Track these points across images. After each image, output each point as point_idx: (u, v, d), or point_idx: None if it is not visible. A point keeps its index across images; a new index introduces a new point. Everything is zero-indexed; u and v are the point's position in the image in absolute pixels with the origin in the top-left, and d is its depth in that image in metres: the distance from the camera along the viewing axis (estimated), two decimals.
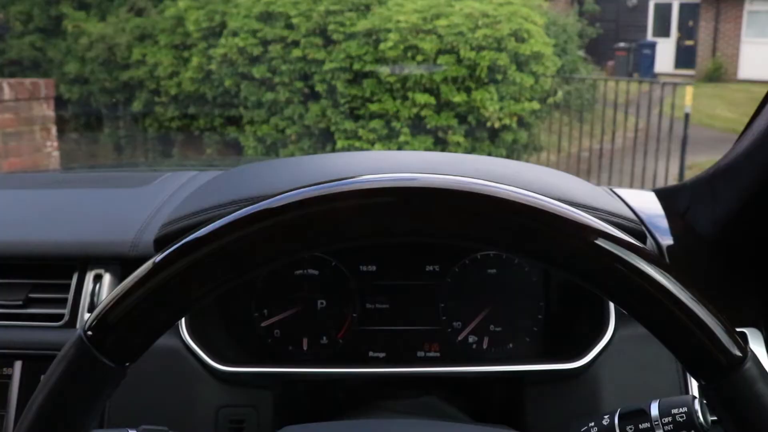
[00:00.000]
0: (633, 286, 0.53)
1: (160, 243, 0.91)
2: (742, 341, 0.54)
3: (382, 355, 1.01)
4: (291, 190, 0.53)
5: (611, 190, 1.19)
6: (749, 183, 0.95)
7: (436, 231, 0.53)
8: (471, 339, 1.01)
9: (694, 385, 0.92)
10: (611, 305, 0.94)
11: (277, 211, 0.52)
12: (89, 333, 0.53)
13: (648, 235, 1.04)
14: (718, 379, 0.53)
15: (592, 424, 0.76)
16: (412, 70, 6.42)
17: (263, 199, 0.53)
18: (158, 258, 0.53)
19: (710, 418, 0.72)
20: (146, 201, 1.12)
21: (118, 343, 0.53)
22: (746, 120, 1.00)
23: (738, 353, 0.53)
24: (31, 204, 1.21)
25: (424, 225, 0.52)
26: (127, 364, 0.54)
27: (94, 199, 1.23)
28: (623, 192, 1.19)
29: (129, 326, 0.53)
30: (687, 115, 6.39)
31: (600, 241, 0.52)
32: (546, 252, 0.53)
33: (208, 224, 0.53)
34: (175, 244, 0.53)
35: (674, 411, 0.71)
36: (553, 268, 0.54)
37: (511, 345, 1.01)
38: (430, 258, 1.02)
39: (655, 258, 0.53)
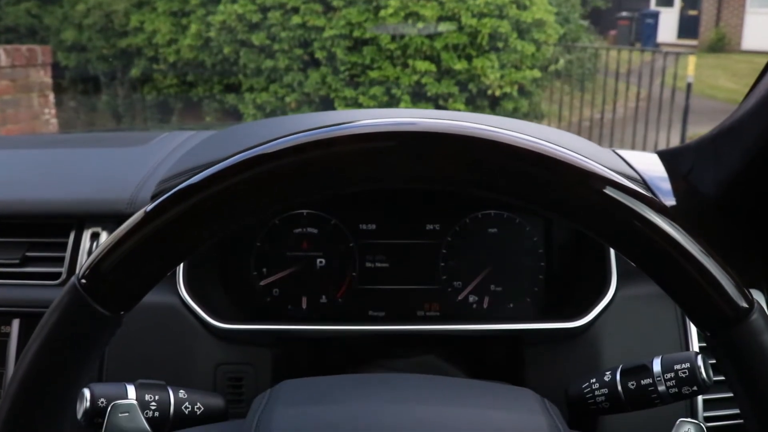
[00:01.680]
0: (639, 235, 0.52)
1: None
2: (749, 293, 0.53)
3: (381, 314, 1.00)
4: (287, 136, 0.52)
5: (614, 151, 1.18)
6: (753, 142, 0.94)
7: (436, 176, 0.52)
8: (471, 299, 1.01)
9: (695, 346, 0.92)
10: (613, 265, 0.94)
11: (273, 156, 0.51)
12: (83, 281, 0.52)
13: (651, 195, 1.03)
14: (724, 331, 0.53)
15: (594, 380, 0.75)
16: (412, 32, 6.37)
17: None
18: (151, 206, 0.52)
19: (712, 375, 0.71)
20: (144, 160, 1.11)
21: (112, 292, 0.52)
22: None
23: (745, 305, 0.52)
24: (28, 163, 1.20)
25: (424, 170, 0.51)
26: (123, 312, 0.53)
27: (91, 158, 1.21)
28: (626, 154, 1.17)
29: (123, 274, 0.52)
30: (689, 85, 6.34)
31: (607, 190, 0.51)
32: (550, 199, 0.52)
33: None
34: (169, 191, 0.52)
35: (677, 367, 0.71)
36: (557, 215, 0.53)
37: (511, 305, 1.01)
38: (431, 217, 1.01)
39: (663, 208, 0.52)
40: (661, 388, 0.71)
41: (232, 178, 0.51)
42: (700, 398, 0.90)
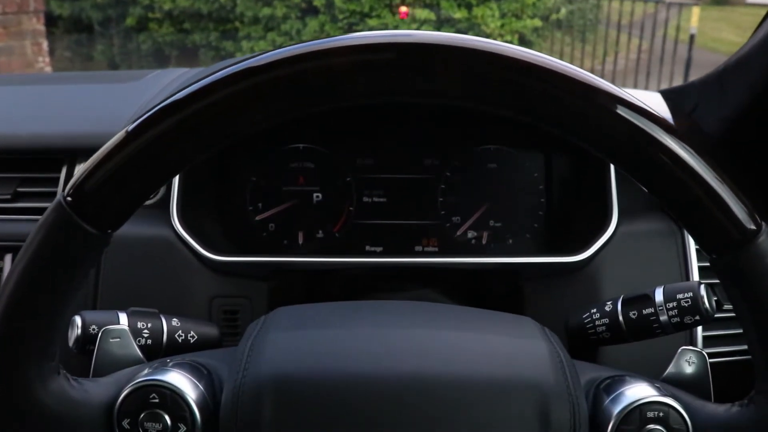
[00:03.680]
0: (644, 153, 0.50)
1: None
2: (757, 215, 0.52)
3: (379, 249, 0.99)
4: (282, 47, 0.50)
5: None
6: (760, 76, 0.91)
7: (435, 90, 0.50)
8: (470, 234, 0.99)
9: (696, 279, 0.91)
10: (614, 201, 0.92)
11: (264, 69, 0.49)
12: (69, 199, 0.50)
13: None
14: (730, 253, 0.51)
15: (594, 310, 0.74)
16: None
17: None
18: (137, 121, 0.50)
19: (715, 305, 0.70)
20: (136, 95, 1.09)
21: (98, 210, 0.51)
22: None
23: (752, 226, 0.51)
24: (19, 99, 1.18)
25: (422, 83, 0.49)
26: (110, 231, 0.52)
27: (83, 94, 1.19)
28: (629, 91, 1.15)
29: (108, 193, 0.50)
30: (692, 37, 6.26)
31: (613, 106, 0.50)
32: (553, 115, 0.50)
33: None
34: (152, 109, 0.50)
35: (679, 296, 0.70)
36: (560, 132, 0.51)
37: (510, 241, 1.00)
38: (430, 151, 0.99)
39: (670, 126, 0.50)
40: (663, 317, 0.70)
41: (217, 93, 0.49)
42: (699, 335, 0.90)
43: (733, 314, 0.88)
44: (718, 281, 0.69)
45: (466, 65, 0.49)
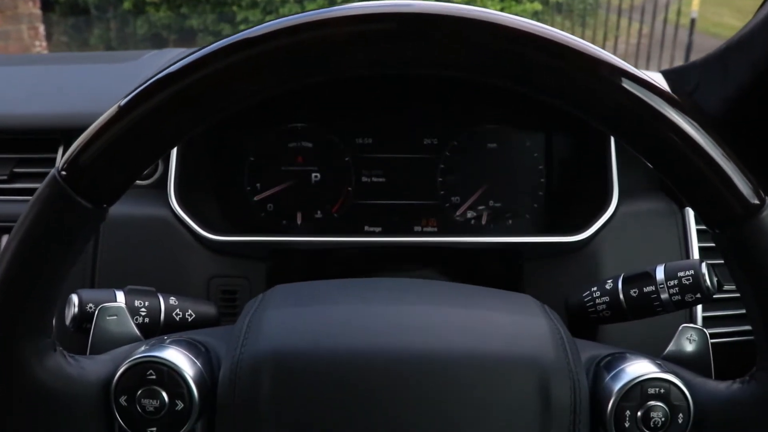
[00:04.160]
0: (647, 125, 0.49)
1: None
2: (761, 190, 0.51)
3: (378, 229, 0.99)
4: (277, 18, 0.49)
5: None
6: (763, 54, 0.90)
7: (435, 61, 0.49)
8: (469, 214, 0.99)
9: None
10: (615, 181, 0.92)
11: (260, 39, 0.48)
12: (63, 173, 0.50)
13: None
14: (732, 228, 0.51)
15: (595, 288, 0.74)
16: None
17: None
18: (132, 93, 0.49)
19: (716, 282, 0.70)
20: (132, 75, 1.08)
21: (93, 184, 0.50)
22: None
23: (756, 201, 0.50)
24: (15, 79, 1.17)
25: (423, 54, 0.48)
26: (105, 206, 0.51)
27: (79, 74, 1.18)
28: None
29: (103, 167, 0.50)
30: (693, 21, 6.23)
31: (615, 77, 0.49)
32: (554, 86, 0.49)
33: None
34: (144, 83, 0.49)
35: (680, 274, 0.69)
36: (561, 103, 0.50)
37: (510, 221, 0.99)
38: (429, 131, 0.99)
39: (672, 98, 0.50)
40: (664, 295, 0.70)
41: (212, 64, 0.48)
42: (699, 316, 0.89)
43: (733, 295, 0.88)
44: (718, 262, 0.69)
45: (468, 35, 0.48)
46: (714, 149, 0.50)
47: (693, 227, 0.91)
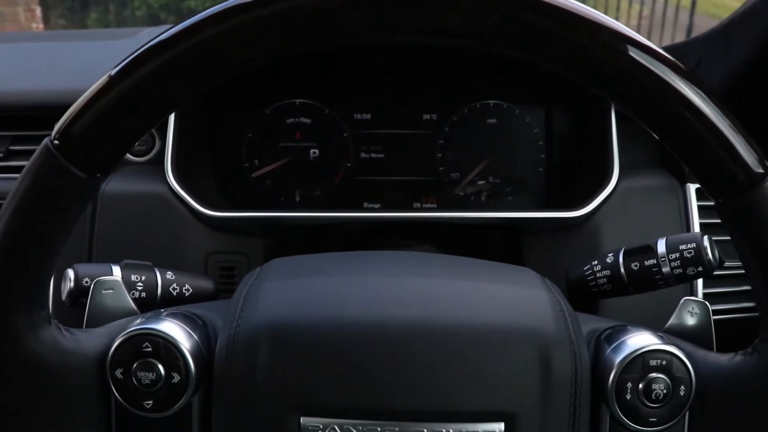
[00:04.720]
0: (650, 93, 0.48)
1: None
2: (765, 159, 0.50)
3: (377, 205, 0.98)
4: None
5: None
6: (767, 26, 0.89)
7: (432, 27, 0.47)
8: (469, 190, 0.98)
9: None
10: (616, 157, 0.91)
11: (253, 4, 0.47)
12: (56, 142, 0.49)
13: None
14: (736, 197, 0.50)
15: (596, 262, 0.73)
16: None
17: None
18: (125, 61, 0.48)
19: (718, 256, 0.69)
20: (129, 51, 1.07)
21: (86, 153, 0.49)
22: None
23: (760, 170, 0.49)
24: (11, 56, 1.16)
25: (419, 21, 0.47)
26: (99, 175, 0.50)
27: (75, 51, 1.18)
28: None
29: (95, 136, 0.49)
30: (693, 2, 6.18)
31: (619, 44, 0.48)
32: (557, 53, 0.48)
33: None
34: (136, 52, 0.48)
35: (682, 247, 0.69)
36: (563, 71, 0.49)
37: (510, 198, 0.98)
38: (428, 106, 0.98)
39: (676, 65, 0.49)
40: (666, 269, 0.69)
41: (205, 31, 0.47)
42: (700, 292, 0.89)
43: (734, 271, 0.88)
44: (719, 238, 0.68)
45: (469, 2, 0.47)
46: (719, 117, 0.49)
47: (694, 203, 0.90)
